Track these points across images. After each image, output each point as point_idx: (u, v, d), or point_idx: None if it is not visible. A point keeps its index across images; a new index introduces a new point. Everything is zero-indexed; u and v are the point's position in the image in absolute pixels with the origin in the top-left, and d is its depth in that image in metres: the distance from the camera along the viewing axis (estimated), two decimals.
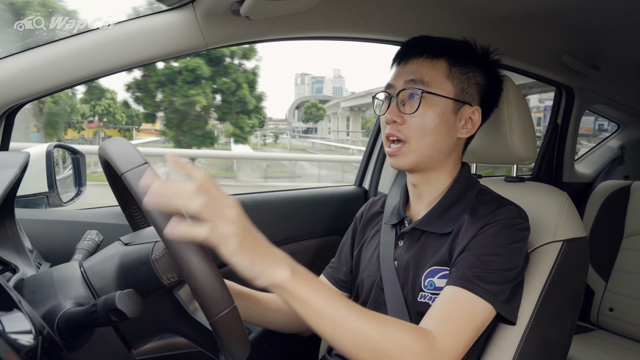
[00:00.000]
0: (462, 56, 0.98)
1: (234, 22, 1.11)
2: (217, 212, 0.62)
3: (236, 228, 0.63)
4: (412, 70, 0.97)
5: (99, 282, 0.71)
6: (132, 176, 0.61)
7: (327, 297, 0.71)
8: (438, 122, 0.94)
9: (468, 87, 0.98)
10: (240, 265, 0.63)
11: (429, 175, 1.01)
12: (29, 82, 0.98)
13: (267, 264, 0.66)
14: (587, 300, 2.19)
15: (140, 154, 0.64)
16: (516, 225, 0.90)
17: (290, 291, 0.68)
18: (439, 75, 0.96)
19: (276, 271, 0.67)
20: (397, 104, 0.96)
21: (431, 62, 0.96)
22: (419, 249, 0.98)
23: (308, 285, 0.70)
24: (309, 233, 1.61)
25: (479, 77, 1.00)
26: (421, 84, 0.95)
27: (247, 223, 0.66)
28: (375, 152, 1.85)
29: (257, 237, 0.67)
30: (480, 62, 1.00)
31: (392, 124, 0.96)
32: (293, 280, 0.68)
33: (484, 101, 1.01)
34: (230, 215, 0.63)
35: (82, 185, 1.25)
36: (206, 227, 0.60)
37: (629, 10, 1.51)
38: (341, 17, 1.27)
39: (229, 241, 0.62)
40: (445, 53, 0.97)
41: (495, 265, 0.86)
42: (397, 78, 0.99)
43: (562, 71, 1.99)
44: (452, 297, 0.84)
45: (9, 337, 0.45)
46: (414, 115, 0.94)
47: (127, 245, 0.75)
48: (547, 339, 0.99)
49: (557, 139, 2.33)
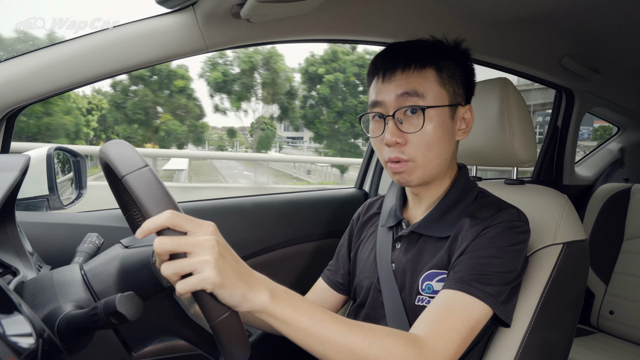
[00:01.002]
0: (444, 57, 0.95)
1: (234, 25, 1.11)
2: (193, 244, 0.59)
3: (214, 257, 0.59)
4: (402, 84, 0.92)
5: (99, 284, 0.71)
6: (133, 179, 0.61)
7: (310, 314, 0.69)
8: (441, 132, 0.92)
9: (457, 89, 0.96)
10: (220, 296, 0.60)
11: (430, 182, 1.00)
12: (29, 85, 0.98)
13: (247, 290, 0.63)
14: (588, 303, 2.18)
15: (141, 157, 0.64)
16: (516, 227, 0.90)
17: (272, 314, 0.66)
18: (431, 84, 0.92)
19: (255, 297, 0.63)
20: (395, 124, 0.92)
21: (420, 73, 0.92)
22: (416, 252, 0.98)
23: (289, 305, 0.67)
24: (309, 235, 1.61)
25: (460, 74, 0.97)
26: (416, 97, 0.91)
27: (225, 249, 0.62)
28: (375, 154, 1.85)
29: (235, 263, 0.63)
30: (457, 57, 0.98)
31: (395, 146, 0.92)
32: (273, 303, 0.65)
33: (467, 95, 1.00)
34: (208, 245, 0.59)
35: (83, 188, 1.26)
36: (188, 264, 0.58)
37: (629, 13, 1.51)
38: (341, 20, 1.27)
39: (207, 275, 0.58)
40: (431, 59, 0.93)
41: (493, 267, 0.85)
42: (384, 93, 0.93)
43: (562, 74, 1.99)
44: (445, 300, 0.84)
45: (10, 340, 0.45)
46: (417, 133, 0.91)
47: (127, 248, 0.75)
48: (548, 342, 0.99)
49: (557, 142, 2.33)
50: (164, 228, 0.59)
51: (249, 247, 1.48)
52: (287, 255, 1.56)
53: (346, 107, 21.08)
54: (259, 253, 1.50)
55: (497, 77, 1.13)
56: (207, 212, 1.44)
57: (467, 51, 1.01)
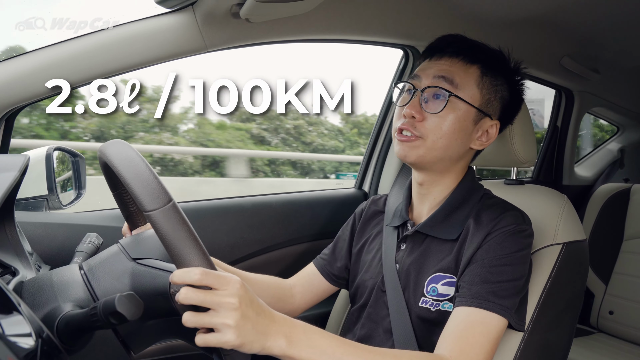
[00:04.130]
0: (496, 66, 0.96)
1: (233, 25, 1.11)
2: (218, 303, 0.61)
3: (235, 321, 0.61)
4: (444, 68, 0.94)
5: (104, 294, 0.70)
6: (158, 217, 0.60)
7: (330, 352, 0.70)
8: (457, 127, 0.93)
9: (494, 100, 0.96)
10: (241, 348, 0.62)
11: (437, 176, 0.99)
12: (28, 85, 0.98)
13: (264, 341, 0.64)
14: (587, 303, 2.18)
15: (165, 190, 0.61)
16: (521, 232, 0.90)
17: (290, 358, 0.67)
18: (470, 80, 0.94)
19: (273, 346, 0.65)
20: (420, 100, 0.93)
21: (465, 65, 0.94)
22: (421, 253, 0.98)
23: (307, 347, 0.68)
24: (308, 236, 1.61)
25: (505, 92, 0.98)
26: (450, 85, 0.92)
27: (247, 305, 0.63)
28: (375, 155, 1.85)
29: (255, 316, 0.64)
30: (510, 76, 0.99)
31: (410, 119, 0.93)
32: (291, 348, 0.67)
33: (503, 116, 1.00)
34: (232, 307, 0.61)
35: (82, 188, 1.25)
36: (210, 322, 0.61)
37: (629, 13, 1.51)
38: (341, 20, 1.27)
39: (227, 338, 0.61)
40: (481, 60, 0.95)
41: (506, 275, 0.86)
42: (425, 71, 0.96)
43: (562, 74, 1.99)
44: (464, 317, 0.84)
45: (9, 340, 0.45)
46: (435, 115, 0.92)
47: (136, 261, 0.73)
48: (547, 342, 0.99)
49: (557, 142, 2.33)
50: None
51: (248, 247, 1.47)
52: (286, 256, 1.56)
53: None
54: (258, 253, 1.50)
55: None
56: (207, 212, 1.44)
57: (522, 76, 1.02)
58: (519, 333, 0.95)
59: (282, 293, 1.12)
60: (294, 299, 1.14)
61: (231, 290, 0.62)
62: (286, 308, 1.12)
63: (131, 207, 0.86)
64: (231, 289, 0.62)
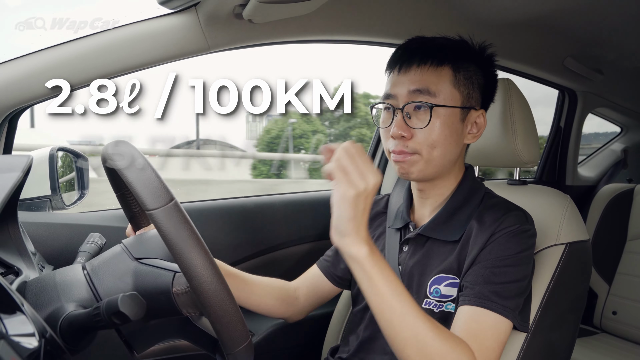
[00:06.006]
0: (464, 58, 0.95)
1: (236, 26, 1.11)
2: (361, 171, 0.70)
3: (365, 186, 0.70)
4: (415, 80, 0.92)
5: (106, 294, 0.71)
6: (159, 214, 0.60)
7: (393, 285, 0.74)
8: (447, 132, 0.92)
9: (472, 92, 0.95)
10: (338, 211, 0.71)
11: (436, 181, 0.99)
12: (31, 86, 0.98)
13: (355, 232, 0.71)
14: (591, 303, 2.18)
15: (167, 189, 0.62)
16: (525, 232, 0.89)
17: (362, 266, 0.73)
18: (445, 83, 0.92)
19: (357, 243, 0.72)
20: (403, 117, 0.92)
21: (436, 70, 0.92)
22: (424, 255, 0.97)
23: (379, 268, 0.74)
24: (312, 236, 1.61)
25: (480, 78, 0.97)
26: (428, 95, 0.91)
27: (369, 199, 0.72)
28: (377, 155, 1.85)
29: (365, 211, 0.72)
30: (479, 61, 0.97)
31: (400, 139, 0.92)
32: (368, 258, 0.73)
33: (484, 101, 0.99)
34: (370, 178, 0.70)
35: (85, 188, 1.26)
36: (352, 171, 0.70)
37: (632, 14, 1.51)
38: (344, 21, 1.27)
39: (350, 189, 0.69)
40: (449, 58, 0.93)
41: (509, 276, 0.85)
42: (398, 87, 0.94)
43: (565, 74, 1.98)
44: (473, 317, 0.84)
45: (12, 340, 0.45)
46: (423, 128, 0.91)
47: (138, 260, 0.74)
48: (550, 343, 0.98)
49: (560, 142, 2.32)
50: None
51: (251, 248, 1.48)
52: (289, 256, 1.56)
53: None
54: (261, 253, 1.50)
55: (499, 78, 1.13)
56: (210, 213, 1.44)
57: (491, 56, 1.00)
58: (522, 333, 0.95)
59: (286, 295, 1.12)
60: (299, 301, 1.14)
61: (371, 181, 0.71)
62: (290, 310, 1.12)
63: (134, 208, 0.86)
64: (370, 180, 0.71)
